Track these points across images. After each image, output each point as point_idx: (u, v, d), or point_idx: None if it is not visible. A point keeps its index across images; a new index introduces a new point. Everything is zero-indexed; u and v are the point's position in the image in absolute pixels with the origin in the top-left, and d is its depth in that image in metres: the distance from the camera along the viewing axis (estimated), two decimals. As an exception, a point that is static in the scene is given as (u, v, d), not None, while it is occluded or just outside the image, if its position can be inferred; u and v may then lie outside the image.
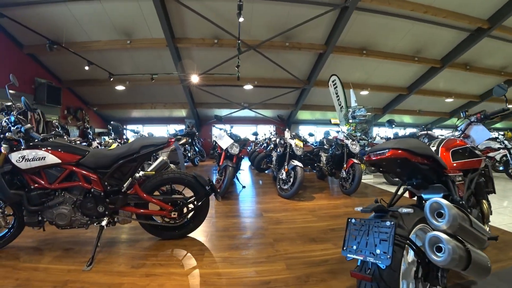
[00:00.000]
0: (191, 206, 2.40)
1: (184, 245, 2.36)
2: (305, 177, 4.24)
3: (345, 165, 4.52)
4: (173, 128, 11.15)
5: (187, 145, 8.24)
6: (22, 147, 2.00)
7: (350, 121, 7.61)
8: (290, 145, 4.43)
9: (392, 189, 4.89)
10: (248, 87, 9.85)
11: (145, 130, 13.36)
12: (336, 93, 8.60)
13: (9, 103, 2.23)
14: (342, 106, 8.29)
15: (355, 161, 4.35)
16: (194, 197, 2.40)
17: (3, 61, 7.74)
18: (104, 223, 2.12)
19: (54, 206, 2.08)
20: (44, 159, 2.00)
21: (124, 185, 2.17)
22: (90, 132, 10.44)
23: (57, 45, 7.09)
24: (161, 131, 13.30)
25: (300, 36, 8.13)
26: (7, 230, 2.31)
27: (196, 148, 9.09)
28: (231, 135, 4.49)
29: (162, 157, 2.48)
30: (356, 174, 4.20)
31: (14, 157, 1.98)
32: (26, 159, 1.97)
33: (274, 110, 12.92)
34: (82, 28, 7.70)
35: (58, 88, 9.54)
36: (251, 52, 8.43)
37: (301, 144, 4.44)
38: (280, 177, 4.32)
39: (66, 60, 8.68)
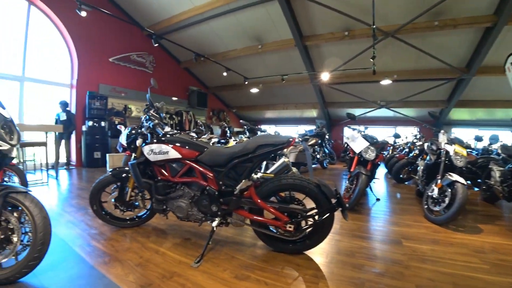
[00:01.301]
0: (310, 220, 2.00)
1: (297, 264, 2.00)
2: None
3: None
4: (303, 129, 11.07)
5: (316, 146, 7.86)
6: (155, 141, 2.16)
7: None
8: (447, 152, 3.29)
9: None
10: (386, 82, 8.45)
11: (278, 130, 14.05)
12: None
13: (147, 103, 2.48)
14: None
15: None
16: (315, 210, 1.99)
17: (167, 74, 9.94)
18: (215, 224, 2.05)
19: (175, 198, 2.18)
20: (167, 153, 2.11)
21: (237, 187, 2.00)
22: (229, 131, 11.81)
23: (201, 56, 8.34)
24: (291, 131, 13.56)
25: (454, 9, 6.22)
26: (145, 211, 2.67)
27: (326, 150, 8.58)
28: (366, 137, 3.75)
29: (284, 158, 2.16)
30: None
31: (146, 150, 2.19)
32: (154, 152, 2.13)
33: (417, 109, 10.69)
34: (221, 40, 8.80)
35: (205, 94, 11.47)
36: (389, 41, 7.17)
37: (463, 152, 3.22)
38: (430, 194, 3.27)
39: (210, 69, 10.24)
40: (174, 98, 10.38)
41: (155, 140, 2.20)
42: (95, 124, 7.68)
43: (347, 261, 2.08)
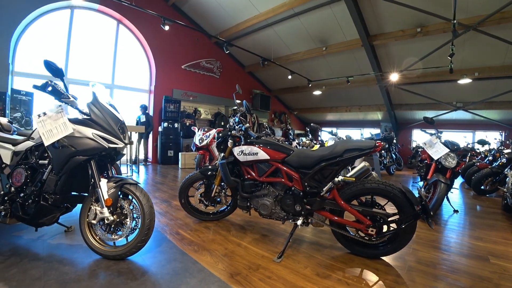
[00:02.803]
0: (393, 226, 2.02)
1: (376, 268, 2.04)
2: None
3: None
4: (369, 132, 10.64)
5: (383, 151, 7.54)
6: (242, 143, 2.41)
7: None
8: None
9: None
10: (465, 81, 7.62)
11: (339, 132, 13.66)
12: None
13: (235, 107, 2.76)
14: None
15: None
16: (398, 216, 2.01)
17: (232, 78, 10.55)
18: (299, 222, 2.19)
19: (260, 196, 2.39)
20: (256, 155, 2.33)
21: (324, 189, 2.12)
22: (291, 133, 11.98)
23: (267, 61, 8.62)
24: (355, 134, 13.11)
25: None
26: (225, 206, 2.97)
27: (393, 155, 8.14)
28: (446, 143, 3.53)
29: (364, 162, 2.22)
30: None
31: (236, 150, 2.45)
32: (243, 153, 2.38)
33: (503, 111, 9.42)
34: (284, 44, 8.97)
35: (268, 97, 11.89)
36: (470, 34, 6.45)
37: None
38: (523, 208, 2.94)
39: (273, 73, 10.53)
40: (238, 101, 10.90)
41: (242, 142, 2.45)
42: (169, 125, 8.55)
43: (428, 271, 2.04)
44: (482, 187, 5.34)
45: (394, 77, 8.05)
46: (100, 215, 1.93)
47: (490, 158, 5.79)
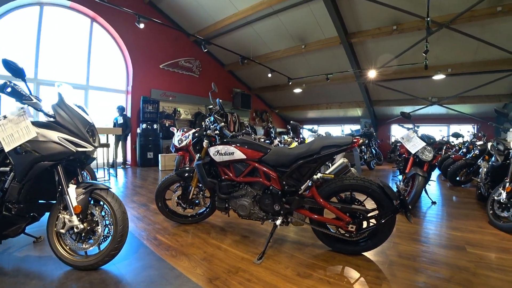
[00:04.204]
0: (373, 221, 2.01)
1: (357, 265, 2.02)
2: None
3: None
4: (349, 128, 10.81)
5: (363, 147, 7.67)
6: (218, 143, 2.33)
7: None
8: (518, 153, 3.03)
9: None
10: (439, 77, 7.87)
11: (320, 130, 13.84)
12: None
13: (211, 106, 2.67)
14: None
15: None
16: (377, 212, 2.01)
17: (212, 77, 10.47)
18: (278, 222, 2.14)
19: (238, 197, 2.31)
20: (232, 154, 2.25)
21: (302, 187, 2.08)
22: (272, 131, 11.99)
23: (246, 59, 8.55)
24: (336, 131, 13.30)
25: None
26: (205, 208, 2.88)
27: (373, 150, 8.30)
28: (423, 137, 3.59)
29: (343, 159, 2.20)
30: None
31: (211, 151, 2.37)
32: (219, 153, 2.30)
33: (475, 105, 9.83)
34: (264, 42, 8.96)
35: (248, 95, 11.79)
36: (443, 32, 6.67)
37: (538, 151, 2.95)
38: (496, 198, 3.04)
39: (254, 71, 10.47)
40: (219, 100, 10.78)
41: (218, 142, 2.37)
42: (148, 126, 8.31)
43: (409, 264, 2.05)
44: (458, 178, 5.53)
45: (372, 74, 8.20)
46: (69, 224, 1.81)
47: (464, 150, 5.99)
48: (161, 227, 2.80)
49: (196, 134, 2.61)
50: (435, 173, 7.24)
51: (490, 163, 3.63)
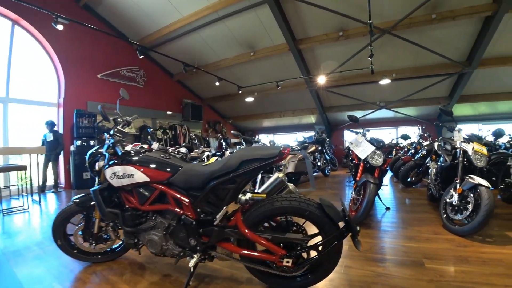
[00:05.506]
0: (314, 251, 1.56)
1: (300, 305, 1.59)
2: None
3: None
4: (302, 135, 10.70)
5: (316, 153, 7.48)
6: (116, 162, 1.79)
7: None
8: (464, 152, 2.91)
9: None
10: (385, 81, 8.12)
11: (276, 138, 13.66)
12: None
13: (114, 117, 2.12)
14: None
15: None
16: (319, 238, 1.56)
17: (160, 88, 9.69)
18: (192, 263, 1.63)
19: (146, 230, 1.78)
20: (133, 177, 1.72)
21: (217, 216, 1.60)
22: (223, 142, 11.44)
23: (190, 67, 8.06)
24: (290, 139, 13.18)
25: (452, 0, 5.99)
26: (120, 242, 2.30)
27: (327, 156, 8.19)
28: (372, 141, 3.36)
29: (278, 173, 1.76)
30: None
31: (108, 173, 1.81)
32: (117, 176, 1.75)
33: (419, 107, 10.35)
34: (212, 49, 8.57)
35: (200, 106, 11.15)
36: (386, 38, 6.88)
37: (483, 150, 2.85)
38: (448, 200, 2.88)
39: (203, 81, 9.95)
40: (168, 112, 10.05)
41: (117, 162, 1.82)
42: (83, 143, 7.33)
43: (363, 296, 1.68)
44: (409, 179, 5.54)
45: (321, 80, 8.19)
46: None
47: (413, 151, 6.09)
48: (67, 270, 2.16)
49: (89, 152, 2.04)
50: (388, 175, 7.32)
51: (439, 163, 3.54)
